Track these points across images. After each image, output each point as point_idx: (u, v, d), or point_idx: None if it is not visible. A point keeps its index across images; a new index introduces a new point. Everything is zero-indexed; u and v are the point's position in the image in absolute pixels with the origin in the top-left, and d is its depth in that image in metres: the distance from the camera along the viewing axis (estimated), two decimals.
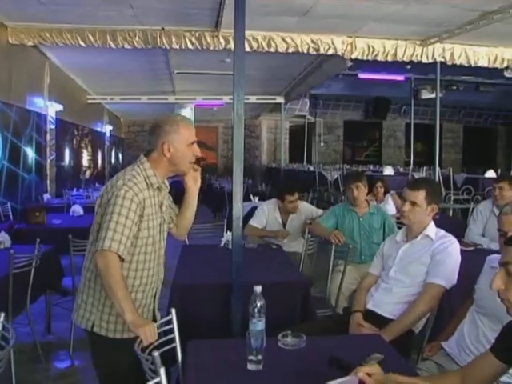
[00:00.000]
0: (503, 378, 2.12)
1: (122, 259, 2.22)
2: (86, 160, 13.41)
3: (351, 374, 1.66)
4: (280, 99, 15.07)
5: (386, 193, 6.71)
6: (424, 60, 7.86)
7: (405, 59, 7.88)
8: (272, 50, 7.51)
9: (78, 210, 7.02)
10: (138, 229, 2.29)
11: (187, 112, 14.75)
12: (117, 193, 2.23)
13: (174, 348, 2.22)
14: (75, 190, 10.71)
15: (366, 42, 7.61)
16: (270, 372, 1.98)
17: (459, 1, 6.00)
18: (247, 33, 3.40)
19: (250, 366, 1.99)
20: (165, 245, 2.56)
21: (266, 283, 2.22)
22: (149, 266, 2.39)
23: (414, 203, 2.98)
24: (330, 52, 7.68)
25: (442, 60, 7.93)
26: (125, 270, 2.29)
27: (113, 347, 1.99)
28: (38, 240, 3.99)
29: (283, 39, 7.44)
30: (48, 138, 9.61)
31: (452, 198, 9.15)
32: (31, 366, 4.03)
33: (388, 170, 11.97)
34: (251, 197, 8.76)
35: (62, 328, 4.78)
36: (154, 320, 2.44)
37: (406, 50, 7.74)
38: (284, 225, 5.08)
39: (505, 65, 8.19)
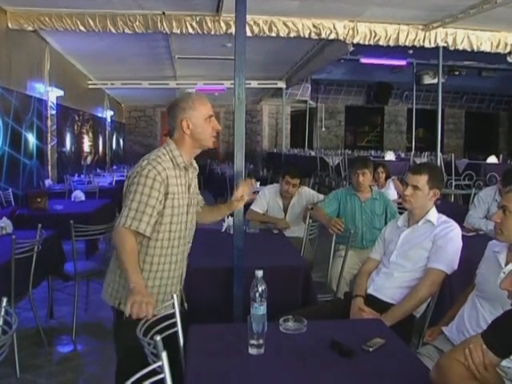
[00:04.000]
0: (503, 363, 2.13)
1: (145, 237, 2.31)
2: (87, 145, 13.38)
3: None
4: (281, 84, 15.00)
5: (387, 178, 6.71)
6: (426, 45, 7.80)
7: (407, 44, 7.82)
8: (273, 34, 7.45)
9: (79, 195, 7.04)
10: (163, 206, 2.34)
11: None
12: (140, 172, 2.29)
13: (176, 332, 2.22)
14: (76, 175, 10.72)
15: (367, 27, 7.54)
16: (271, 356, 1.99)
17: None
18: (248, 17, 3.39)
19: (252, 351, 2.00)
20: (192, 228, 2.61)
21: (267, 268, 2.23)
22: (173, 244, 2.44)
23: (416, 187, 2.99)
24: (332, 37, 7.62)
25: (445, 45, 7.86)
26: (151, 247, 2.37)
27: (137, 324, 2.01)
28: (40, 225, 4.01)
29: (284, 23, 7.38)
30: (49, 123, 9.57)
31: (453, 184, 9.15)
32: (34, 351, 4.06)
33: (389, 156, 11.94)
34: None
35: (64, 313, 4.82)
36: (182, 303, 2.56)
37: (408, 35, 7.67)
38: (285, 209, 5.07)
39: (508, 50, 8.12)
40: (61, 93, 9.82)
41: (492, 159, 10.31)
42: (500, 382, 1.71)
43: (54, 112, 9.69)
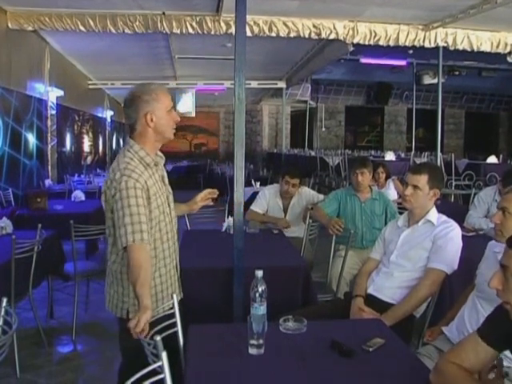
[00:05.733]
0: (504, 363, 2.13)
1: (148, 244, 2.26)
2: (87, 145, 13.38)
3: None
4: (281, 84, 14.99)
5: (387, 178, 6.71)
6: (426, 45, 7.80)
7: (407, 44, 7.82)
8: (273, 34, 7.44)
9: (79, 195, 7.05)
10: (149, 211, 2.31)
11: (188, 97, 14.69)
12: (118, 187, 2.23)
13: (176, 332, 2.22)
14: (76, 175, 10.73)
15: (367, 27, 7.54)
16: (271, 356, 1.99)
17: None
18: (248, 17, 3.38)
19: (252, 351, 2.00)
20: (175, 214, 2.58)
21: (267, 268, 2.23)
22: (165, 238, 2.44)
23: (416, 187, 2.99)
24: (332, 37, 7.62)
25: (445, 45, 7.86)
26: None
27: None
28: (40, 225, 4.01)
29: (284, 23, 7.38)
30: (49, 123, 9.57)
31: (453, 184, 9.15)
32: (34, 351, 4.06)
33: (389, 156, 11.94)
34: (252, 182, 8.77)
35: (64, 313, 4.83)
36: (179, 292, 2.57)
37: (408, 35, 7.67)
38: (285, 210, 5.07)
39: (508, 50, 8.12)
40: (61, 93, 9.82)
41: (492, 159, 10.31)
42: None
43: (54, 112, 9.69)
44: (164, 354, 1.64)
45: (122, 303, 2.37)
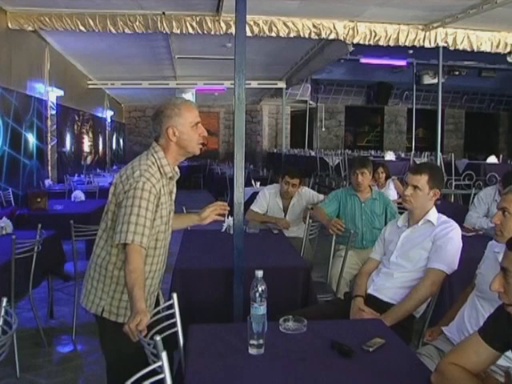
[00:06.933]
0: (502, 362, 2.13)
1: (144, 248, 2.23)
2: (87, 146, 13.38)
3: None
4: (281, 84, 15.01)
5: (387, 178, 6.71)
6: (426, 45, 7.80)
7: (407, 44, 7.82)
8: (273, 34, 7.46)
9: (79, 195, 7.04)
10: (154, 218, 2.29)
11: (188, 97, 14.69)
12: (135, 185, 2.22)
13: (176, 332, 2.23)
14: (76, 175, 10.74)
15: (367, 27, 7.54)
16: (271, 356, 1.99)
17: None
18: (248, 17, 3.37)
19: (252, 351, 2.00)
20: (171, 231, 2.56)
21: (267, 268, 2.23)
22: (158, 252, 2.41)
23: (416, 187, 2.98)
24: (332, 37, 7.63)
25: (445, 45, 7.86)
26: None
27: (122, 332, 1.98)
28: (40, 225, 4.01)
29: (284, 23, 7.39)
30: (49, 123, 9.58)
31: (453, 184, 9.15)
32: (34, 351, 4.06)
33: (389, 156, 11.93)
34: (252, 182, 8.77)
35: (64, 313, 4.82)
36: (157, 304, 2.48)
37: (408, 35, 7.68)
38: (285, 210, 5.07)
39: (508, 50, 8.12)
40: (61, 93, 9.83)
41: (492, 159, 10.31)
42: None
43: (54, 112, 9.70)
44: (164, 354, 1.64)
45: (100, 300, 2.33)
